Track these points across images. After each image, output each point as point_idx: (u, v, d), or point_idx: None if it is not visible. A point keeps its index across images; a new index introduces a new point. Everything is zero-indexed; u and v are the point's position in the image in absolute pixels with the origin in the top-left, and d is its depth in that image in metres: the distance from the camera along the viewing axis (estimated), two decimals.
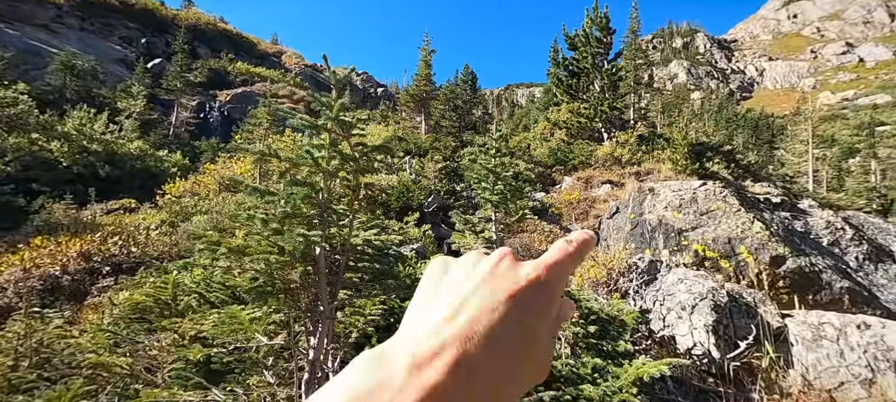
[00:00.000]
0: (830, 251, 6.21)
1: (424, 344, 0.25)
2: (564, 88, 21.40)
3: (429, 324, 0.26)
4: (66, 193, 10.12)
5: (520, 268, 0.29)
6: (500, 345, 0.25)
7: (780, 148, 33.72)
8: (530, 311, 0.27)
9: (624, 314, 4.85)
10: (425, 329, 0.26)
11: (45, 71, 19.32)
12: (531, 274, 0.28)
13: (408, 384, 0.23)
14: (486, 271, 0.29)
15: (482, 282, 0.28)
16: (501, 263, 0.29)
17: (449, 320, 0.26)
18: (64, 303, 5.94)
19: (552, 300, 0.28)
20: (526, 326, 0.27)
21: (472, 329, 0.25)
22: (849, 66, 71.79)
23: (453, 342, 0.25)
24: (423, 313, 0.28)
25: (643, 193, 8.82)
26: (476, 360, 0.24)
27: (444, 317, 0.26)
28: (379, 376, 0.24)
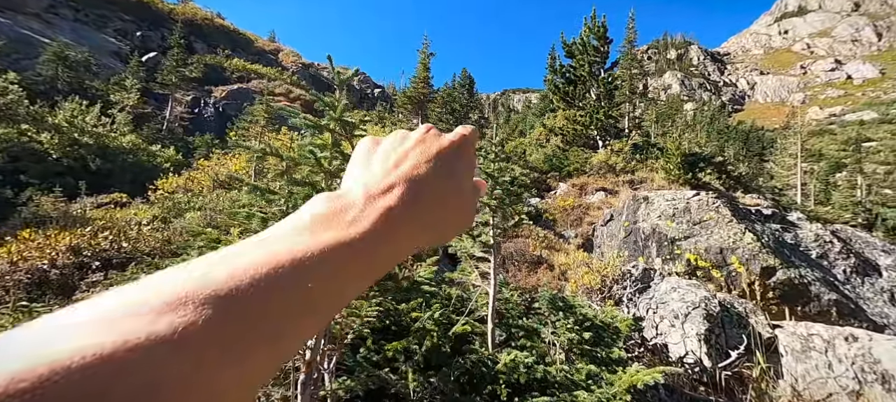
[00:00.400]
0: (819, 264, 6.34)
1: (376, 183, 0.30)
2: (561, 94, 21.59)
3: (376, 173, 0.31)
4: (56, 186, 9.93)
5: (442, 136, 0.35)
6: (437, 187, 0.31)
7: (769, 160, 34.35)
8: (456, 165, 0.34)
9: (618, 322, 4.90)
10: (373, 176, 0.31)
11: (36, 61, 18.96)
12: (453, 138, 0.35)
13: (367, 207, 0.28)
14: (417, 137, 0.34)
15: (416, 144, 0.33)
16: (428, 132, 0.35)
17: (394, 168, 0.31)
18: (51, 298, 5.82)
19: (471, 161, 0.36)
20: (455, 176, 0.33)
21: (412, 173, 0.31)
22: (837, 82, 73.50)
23: (401, 181, 0.30)
24: (364, 170, 0.32)
25: (637, 201, 8.92)
26: (420, 195, 0.30)
27: (389, 167, 0.31)
28: (340, 203, 0.28)
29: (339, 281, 0.24)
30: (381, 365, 4.15)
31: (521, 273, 8.08)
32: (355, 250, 0.25)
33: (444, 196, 0.32)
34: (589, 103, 20.43)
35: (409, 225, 0.29)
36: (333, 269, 0.24)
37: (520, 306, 5.78)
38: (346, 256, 0.25)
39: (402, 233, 0.29)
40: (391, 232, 0.28)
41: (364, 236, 0.26)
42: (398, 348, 4.20)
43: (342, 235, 0.25)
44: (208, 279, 0.20)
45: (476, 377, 3.94)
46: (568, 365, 3.89)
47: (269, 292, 0.21)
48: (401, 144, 0.34)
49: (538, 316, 5.42)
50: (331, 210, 0.27)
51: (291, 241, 0.24)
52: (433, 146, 0.33)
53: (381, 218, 0.27)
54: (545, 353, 4.35)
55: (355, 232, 0.26)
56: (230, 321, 0.19)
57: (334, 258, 0.24)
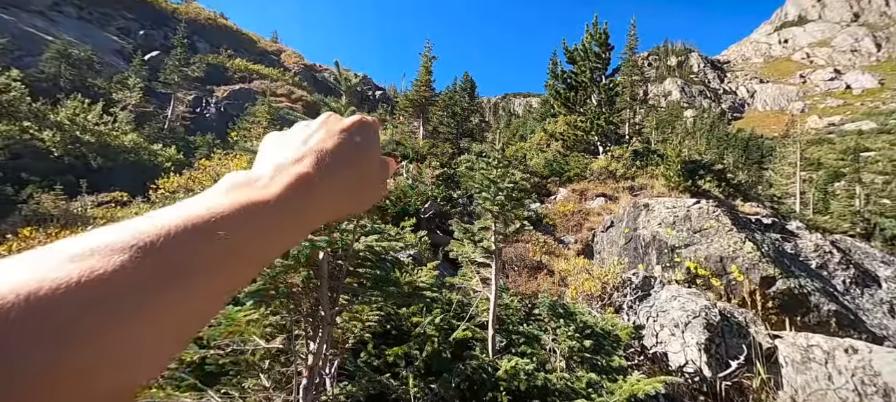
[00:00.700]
0: (819, 274, 6.36)
1: (286, 159, 0.32)
2: (562, 100, 21.67)
3: (283, 153, 0.33)
4: (57, 184, 9.94)
5: (343, 118, 0.38)
6: (344, 158, 0.34)
7: (768, 169, 34.43)
8: (360, 138, 0.36)
9: (618, 330, 4.90)
10: (281, 155, 0.33)
11: (39, 58, 18.99)
12: (355, 118, 0.38)
13: (277, 175, 0.30)
14: (320, 121, 0.37)
15: (319, 127, 0.36)
16: (330, 116, 0.38)
17: (301, 145, 0.34)
18: None
19: (374, 137, 0.38)
20: (360, 147, 0.36)
21: (320, 146, 0.34)
22: (836, 92, 73.84)
23: (309, 153, 0.33)
24: (273, 155, 0.34)
25: (638, 208, 8.94)
26: (329, 164, 0.33)
27: (295, 146, 0.34)
28: (253, 174, 0.30)
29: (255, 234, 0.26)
30: (382, 370, 4.16)
31: (521, 278, 8.09)
32: (268, 207, 0.27)
33: (352, 164, 0.35)
34: (590, 109, 20.51)
35: (323, 188, 0.32)
36: (247, 222, 0.25)
37: (520, 312, 5.79)
38: (259, 211, 0.26)
39: (318, 195, 0.31)
40: (307, 194, 0.30)
41: (276, 196, 0.28)
42: (399, 353, 4.20)
43: (253, 194, 0.27)
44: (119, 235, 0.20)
45: (476, 383, 3.95)
46: (568, 373, 3.89)
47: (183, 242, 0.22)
48: (306, 128, 0.36)
49: (538, 323, 5.42)
50: (246, 178, 0.29)
51: (204, 201, 0.25)
52: (336, 125, 0.36)
53: (295, 181, 0.30)
54: (546, 360, 4.35)
55: (266, 193, 0.28)
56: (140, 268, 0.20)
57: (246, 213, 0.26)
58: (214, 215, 0.24)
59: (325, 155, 0.33)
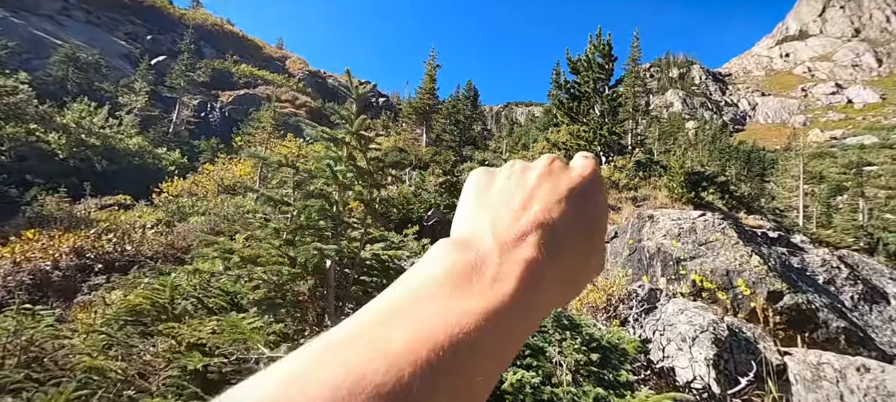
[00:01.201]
0: (826, 289, 6.30)
1: (506, 229, 0.26)
2: (565, 110, 21.76)
3: (501, 214, 0.27)
4: (61, 186, 9.96)
5: (571, 168, 0.30)
6: (573, 235, 0.27)
7: (771, 181, 34.40)
8: (591, 205, 0.29)
9: (625, 343, 4.85)
10: (500, 217, 0.27)
11: (47, 61, 19.19)
12: (584, 171, 0.30)
13: (505, 258, 0.24)
14: (541, 171, 0.30)
15: (541, 179, 0.29)
16: (553, 163, 0.31)
17: (522, 210, 0.27)
18: (53, 299, 5.79)
19: (604, 198, 0.31)
20: (589, 218, 0.28)
21: (546, 217, 0.26)
22: (838, 106, 74.05)
23: (533, 228, 0.25)
24: (483, 211, 0.28)
25: (642, 219, 8.91)
26: (557, 244, 0.25)
27: (515, 210, 0.27)
28: (472, 255, 0.24)
29: (496, 357, 0.21)
30: None
31: None
32: (508, 317, 0.21)
33: (581, 243, 0.27)
34: (593, 119, 20.58)
35: (550, 279, 0.25)
36: (491, 343, 0.20)
37: None
38: (498, 324, 0.21)
39: (544, 288, 0.24)
40: (535, 289, 0.23)
41: (512, 300, 0.22)
42: None
43: (490, 300, 0.21)
44: (369, 369, 0.17)
45: None
46: (575, 387, 3.83)
47: (434, 385, 0.17)
48: (523, 179, 0.29)
49: (543, 334, 5.36)
50: (465, 264, 0.23)
51: (437, 310, 0.20)
52: (562, 182, 0.29)
53: (525, 274, 0.23)
54: (551, 373, 4.29)
55: (501, 294, 0.22)
56: None
57: (492, 330, 0.20)
58: (462, 339, 0.19)
59: (554, 230, 0.26)
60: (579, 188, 0.29)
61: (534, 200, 0.27)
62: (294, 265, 3.46)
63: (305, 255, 2.96)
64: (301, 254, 2.98)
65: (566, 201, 0.27)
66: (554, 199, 0.27)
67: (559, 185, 0.28)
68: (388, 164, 3.57)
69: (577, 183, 0.29)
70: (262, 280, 3.51)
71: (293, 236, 3.41)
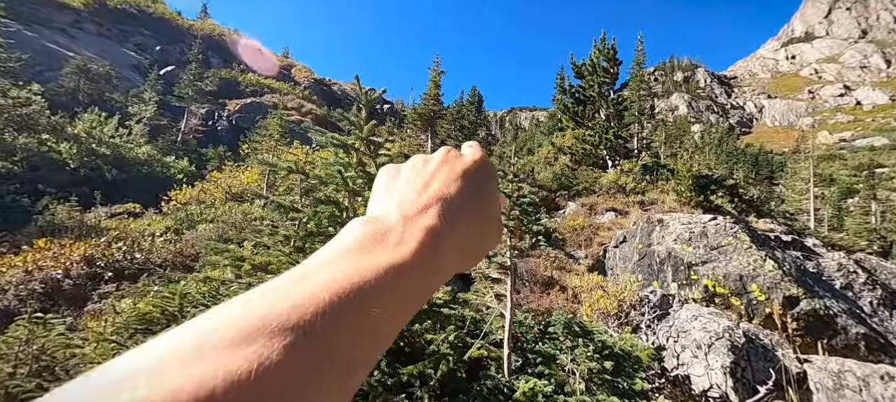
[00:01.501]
0: (844, 295, 6.15)
1: (410, 205, 0.30)
2: (570, 114, 21.72)
3: (406, 195, 0.31)
4: (72, 195, 10.09)
5: (464, 155, 0.35)
6: (468, 205, 0.32)
7: (780, 184, 33.95)
8: (482, 181, 0.34)
9: (638, 350, 4.75)
10: (405, 197, 0.31)
11: (59, 73, 19.57)
12: (475, 157, 0.35)
13: (408, 228, 0.28)
14: (439, 159, 0.34)
15: (440, 165, 0.33)
16: (449, 153, 0.35)
17: (423, 190, 0.31)
18: (64, 308, 5.82)
19: (494, 176, 0.36)
20: (482, 192, 0.33)
21: (444, 192, 0.31)
22: (846, 108, 73.16)
23: (434, 201, 0.30)
24: (391, 195, 0.32)
25: (652, 224, 8.80)
26: (455, 214, 0.30)
27: (417, 189, 0.31)
28: (379, 226, 0.28)
29: (398, 304, 0.24)
30: (396, 390, 4.05)
31: (534, 294, 7.94)
32: (407, 271, 0.25)
33: (476, 213, 0.32)
34: (598, 123, 20.50)
35: (450, 243, 0.29)
36: (393, 292, 0.23)
37: (534, 329, 5.66)
38: (400, 276, 0.24)
39: (444, 253, 0.28)
40: (435, 251, 0.27)
41: (413, 257, 0.26)
42: (413, 372, 4.10)
43: (393, 256, 0.25)
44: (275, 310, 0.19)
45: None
46: (589, 396, 3.76)
47: (338, 322, 0.20)
48: (425, 167, 0.34)
49: (554, 341, 5.28)
50: (373, 232, 0.27)
51: (343, 264, 0.23)
52: (457, 165, 0.34)
53: (426, 237, 0.27)
54: (564, 381, 4.22)
55: (403, 253, 0.26)
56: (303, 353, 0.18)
57: (392, 280, 0.24)
58: (362, 284, 0.22)
59: (450, 203, 0.30)
60: (471, 169, 0.34)
61: (433, 180, 0.32)
62: None
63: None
64: None
65: (461, 179, 0.32)
66: (451, 178, 0.32)
67: (454, 168, 0.33)
68: None
69: (469, 165, 0.34)
70: None
71: (303, 243, 3.39)
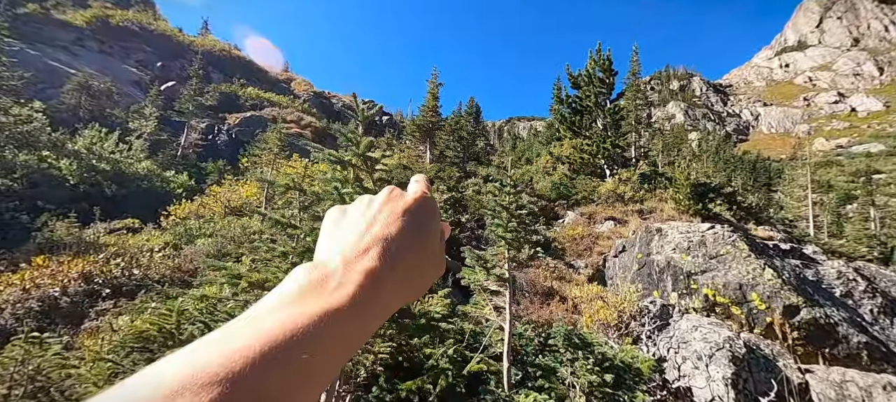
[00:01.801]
0: (844, 303, 6.12)
1: (352, 248, 0.32)
2: (568, 124, 21.89)
3: (349, 238, 0.33)
4: (71, 212, 10.09)
5: (406, 194, 0.37)
6: (408, 244, 0.33)
7: (778, 191, 34.03)
8: (422, 217, 0.36)
9: (639, 362, 4.71)
10: (347, 241, 0.32)
11: (61, 90, 19.76)
12: (416, 194, 0.37)
13: (347, 271, 0.29)
14: (382, 199, 0.36)
15: (382, 206, 0.35)
16: (392, 193, 0.37)
17: (366, 231, 0.33)
18: (61, 326, 5.78)
19: (434, 210, 0.37)
20: (423, 229, 0.35)
21: (385, 233, 0.33)
22: (841, 114, 73.78)
23: (375, 243, 0.32)
24: (335, 238, 0.34)
25: (650, 233, 8.81)
26: (395, 255, 0.32)
27: (360, 231, 0.33)
28: (320, 272, 0.29)
29: (331, 347, 0.25)
30: None
31: (534, 305, 7.90)
32: (343, 315, 0.26)
33: (416, 249, 0.34)
34: (596, 133, 20.65)
35: (390, 282, 0.31)
36: (324, 336, 0.25)
37: (534, 342, 5.61)
38: (335, 321, 0.25)
39: (385, 291, 0.30)
40: (375, 292, 0.29)
41: (350, 301, 0.27)
42: (412, 387, 4.06)
43: (328, 302, 0.26)
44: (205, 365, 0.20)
45: None
46: None
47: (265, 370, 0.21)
48: (368, 208, 0.36)
49: (554, 354, 5.24)
50: (313, 280, 0.28)
51: (280, 315, 0.25)
52: (399, 204, 0.35)
53: (364, 280, 0.29)
54: (564, 395, 4.17)
55: (340, 297, 0.27)
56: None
57: (324, 326, 0.25)
58: (295, 333, 0.23)
59: (391, 244, 0.32)
60: (412, 207, 0.35)
61: (375, 222, 0.34)
62: None
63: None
64: None
65: (401, 218, 0.34)
66: (392, 219, 0.34)
67: (396, 207, 0.35)
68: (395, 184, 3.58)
69: (409, 204, 0.36)
70: None
71: (301, 259, 3.40)
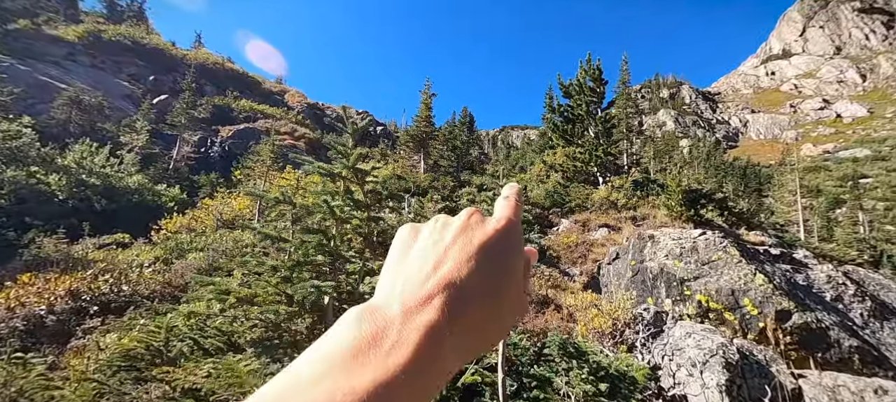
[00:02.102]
0: (834, 307, 6.18)
1: (414, 293, 0.27)
2: (560, 132, 22.12)
3: (412, 277, 0.29)
4: (60, 227, 9.93)
5: (487, 222, 0.32)
6: (483, 290, 0.29)
7: (768, 196, 34.53)
8: (504, 254, 0.31)
9: (633, 370, 4.70)
10: (410, 282, 0.28)
11: (51, 105, 19.61)
12: (498, 224, 0.32)
13: (406, 325, 0.26)
14: (457, 227, 0.32)
15: (456, 236, 0.31)
16: (471, 219, 0.32)
17: (434, 271, 0.28)
18: (46, 345, 5.64)
19: (519, 241, 0.32)
20: (502, 271, 0.30)
21: (455, 276, 0.28)
22: (827, 120, 75.41)
23: (441, 288, 0.27)
24: (399, 272, 0.30)
25: (643, 240, 8.86)
26: (462, 302, 0.27)
27: (428, 270, 0.29)
28: (375, 326, 0.26)
29: None
30: None
31: (529, 314, 7.87)
32: (402, 383, 0.23)
33: (492, 294, 0.29)
34: (588, 141, 20.87)
35: (454, 339, 0.26)
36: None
37: (529, 351, 5.58)
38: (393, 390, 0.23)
39: (447, 350, 0.26)
40: (435, 352, 0.25)
41: (406, 367, 0.24)
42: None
43: (381, 372, 0.23)
44: None
45: None
46: None
47: None
48: (441, 237, 0.31)
49: (549, 363, 5.21)
50: (367, 336, 0.25)
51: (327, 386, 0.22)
52: (476, 237, 0.31)
53: (423, 339, 0.25)
54: None
55: (395, 365, 0.24)
56: None
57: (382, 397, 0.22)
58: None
59: (460, 290, 0.28)
60: (492, 241, 0.31)
61: (446, 259, 0.29)
62: (291, 304, 3.40)
63: (303, 293, 2.92)
64: (298, 292, 2.93)
65: (475, 257, 0.29)
66: (464, 257, 0.29)
67: (471, 240, 0.30)
68: (386, 195, 3.59)
69: (489, 237, 0.31)
70: (259, 320, 3.44)
71: (290, 273, 3.37)
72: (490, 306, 0.29)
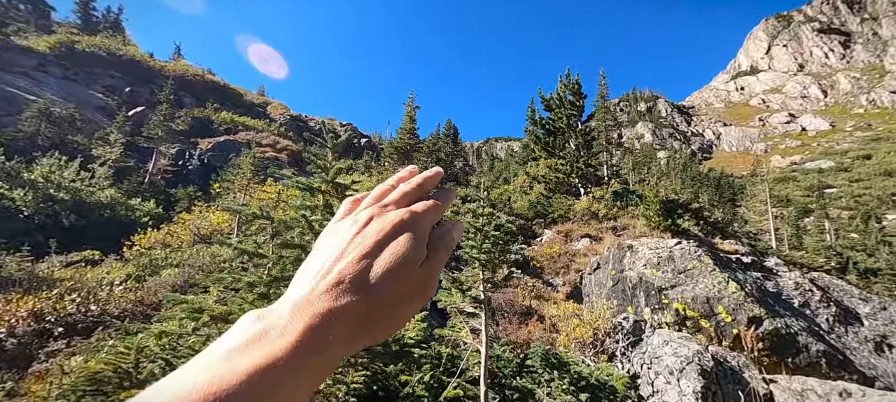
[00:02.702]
0: (802, 313, 6.45)
1: (309, 288, 0.29)
2: (542, 144, 22.56)
3: (314, 272, 0.31)
4: (24, 245, 9.44)
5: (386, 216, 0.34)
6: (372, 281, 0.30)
7: (741, 205, 35.90)
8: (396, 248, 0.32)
9: (614, 380, 4.77)
10: (311, 276, 0.30)
11: (19, 117, 18.81)
12: (395, 219, 0.33)
13: (294, 318, 0.28)
14: (364, 219, 0.33)
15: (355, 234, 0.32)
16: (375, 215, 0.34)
17: (328, 271, 0.30)
18: (5, 370, 5.31)
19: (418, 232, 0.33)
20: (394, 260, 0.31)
21: (344, 273, 0.30)
22: (793, 133, 79.48)
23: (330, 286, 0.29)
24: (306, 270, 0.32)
25: (622, 250, 9.06)
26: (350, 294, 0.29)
27: (327, 266, 0.31)
28: (266, 323, 0.28)
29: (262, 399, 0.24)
30: None
31: (512, 325, 7.89)
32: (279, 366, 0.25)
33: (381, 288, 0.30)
34: (569, 153, 21.35)
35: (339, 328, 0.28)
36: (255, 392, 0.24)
37: (512, 363, 5.59)
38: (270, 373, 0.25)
39: (334, 339, 0.28)
40: (320, 342, 0.27)
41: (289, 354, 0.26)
42: None
43: (262, 357, 0.25)
44: None
45: None
46: None
47: None
48: (350, 229, 0.33)
49: (532, 375, 5.23)
50: (256, 333, 0.27)
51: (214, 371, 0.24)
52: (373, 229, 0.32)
53: (307, 330, 0.27)
54: None
55: (278, 349, 0.26)
56: None
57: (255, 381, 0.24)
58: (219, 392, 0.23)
59: (350, 285, 0.29)
60: (387, 236, 0.32)
61: (347, 252, 0.31)
62: None
63: None
64: None
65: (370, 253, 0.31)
66: (358, 255, 0.31)
67: (368, 236, 0.32)
68: None
69: (386, 232, 0.32)
70: None
71: (268, 289, 3.31)
72: (380, 297, 0.30)
